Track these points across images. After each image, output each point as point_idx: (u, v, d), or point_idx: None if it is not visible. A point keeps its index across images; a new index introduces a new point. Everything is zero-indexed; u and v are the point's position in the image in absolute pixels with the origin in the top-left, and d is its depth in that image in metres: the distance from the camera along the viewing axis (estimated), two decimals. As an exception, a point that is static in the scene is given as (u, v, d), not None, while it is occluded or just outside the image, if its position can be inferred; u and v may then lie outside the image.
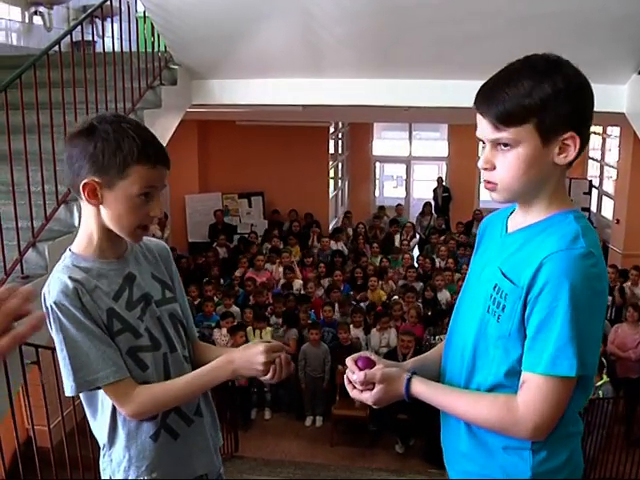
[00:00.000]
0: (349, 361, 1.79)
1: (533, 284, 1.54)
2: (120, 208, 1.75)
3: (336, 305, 8.53)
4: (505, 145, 1.57)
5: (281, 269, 10.09)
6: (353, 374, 1.76)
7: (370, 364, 1.76)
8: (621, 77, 6.02)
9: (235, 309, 8.35)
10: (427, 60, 6.19)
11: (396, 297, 8.93)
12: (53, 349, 4.07)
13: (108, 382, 1.76)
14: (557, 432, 1.62)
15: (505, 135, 1.55)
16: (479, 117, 1.60)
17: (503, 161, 1.58)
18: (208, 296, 8.63)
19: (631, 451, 6.33)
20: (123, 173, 1.70)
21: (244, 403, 7.73)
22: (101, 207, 1.76)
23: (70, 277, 1.76)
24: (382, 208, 14.16)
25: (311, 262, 10.45)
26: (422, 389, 1.73)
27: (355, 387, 1.76)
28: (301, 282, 9.68)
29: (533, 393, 1.56)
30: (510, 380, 1.63)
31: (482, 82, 1.66)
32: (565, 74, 1.53)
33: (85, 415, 1.95)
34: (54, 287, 1.75)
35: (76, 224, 4.28)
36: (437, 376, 1.89)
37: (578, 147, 1.55)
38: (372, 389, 1.73)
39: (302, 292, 9.29)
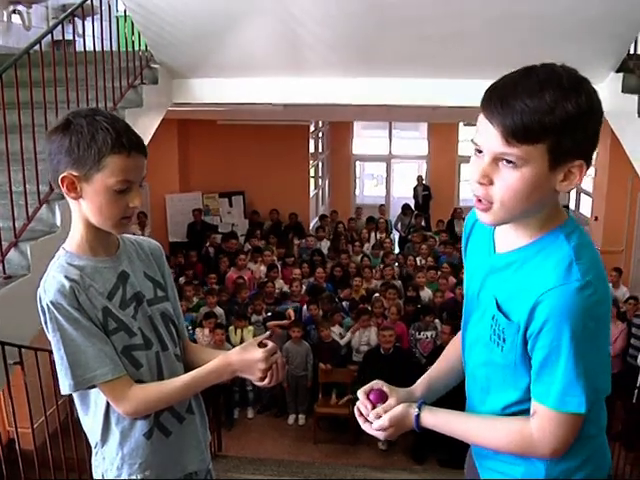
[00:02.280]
0: (361, 394, 1.78)
1: (531, 321, 1.50)
2: (100, 200, 1.75)
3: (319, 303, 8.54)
4: (509, 162, 1.42)
5: (262, 268, 10.09)
6: (365, 408, 1.76)
7: (382, 397, 1.77)
8: (599, 76, 6.08)
9: (219, 310, 8.34)
10: (407, 59, 6.23)
11: (377, 294, 8.95)
12: (36, 349, 4.08)
13: (106, 380, 1.77)
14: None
15: (515, 152, 1.40)
16: (485, 123, 1.44)
17: (504, 179, 1.44)
18: (187, 296, 8.61)
19: (611, 445, 6.39)
20: (99, 165, 1.71)
21: (227, 402, 7.73)
22: (81, 201, 1.78)
23: (66, 276, 1.77)
24: (359, 209, 14.16)
25: (292, 261, 10.46)
26: (432, 422, 1.72)
27: (366, 420, 1.76)
28: (282, 281, 9.68)
29: (546, 423, 1.55)
30: (524, 403, 1.62)
31: (462, 81, 1.62)
32: (588, 94, 1.40)
33: (68, 415, 1.95)
34: (50, 287, 1.75)
35: (58, 224, 4.27)
36: (448, 387, 1.93)
37: (583, 177, 1.45)
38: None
39: (283, 290, 9.31)
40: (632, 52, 5.96)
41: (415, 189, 14.93)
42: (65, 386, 1.79)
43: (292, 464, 6.83)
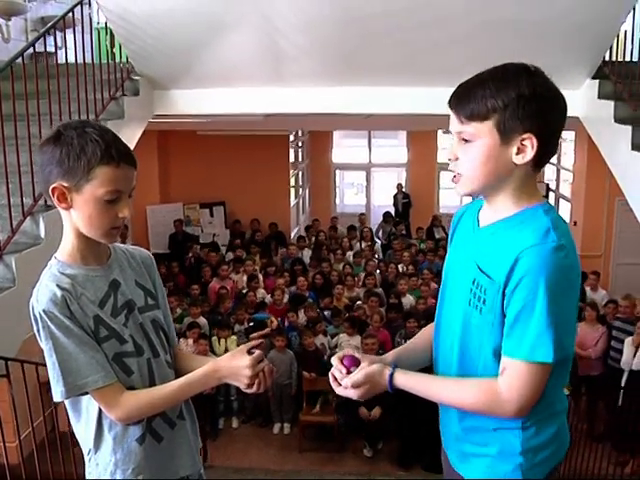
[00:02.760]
0: (335, 360, 1.90)
1: (510, 277, 1.65)
2: (90, 210, 1.79)
3: (301, 311, 8.57)
4: (466, 140, 1.71)
5: (245, 278, 10.08)
6: (340, 373, 1.86)
7: (355, 362, 1.87)
8: (575, 82, 6.19)
9: (202, 320, 8.32)
10: (388, 68, 6.29)
11: (359, 302, 9.00)
12: (23, 362, 4.07)
13: (97, 387, 1.80)
14: (544, 411, 1.77)
15: (467, 129, 1.69)
16: (451, 113, 1.74)
17: (465, 153, 1.73)
18: (170, 307, 8.54)
19: (594, 447, 6.48)
20: (89, 175, 1.74)
21: (211, 412, 7.71)
22: (72, 211, 1.81)
23: (58, 285, 1.79)
24: (334, 218, 14.09)
25: (274, 271, 10.47)
26: (405, 381, 1.85)
27: (340, 384, 1.86)
28: (264, 291, 9.69)
29: (514, 378, 1.69)
30: (497, 368, 1.74)
31: (441, 89, 1.80)
32: (532, 81, 1.64)
33: (54, 427, 1.97)
34: (43, 296, 1.78)
35: (43, 236, 4.26)
36: (416, 365, 2.03)
37: (536, 149, 1.65)
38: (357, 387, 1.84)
39: (265, 301, 9.31)
40: (607, 59, 6.05)
41: (395, 197, 15.01)
42: (57, 393, 1.82)
43: (278, 473, 6.84)
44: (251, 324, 8.37)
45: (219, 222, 13.24)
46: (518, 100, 1.62)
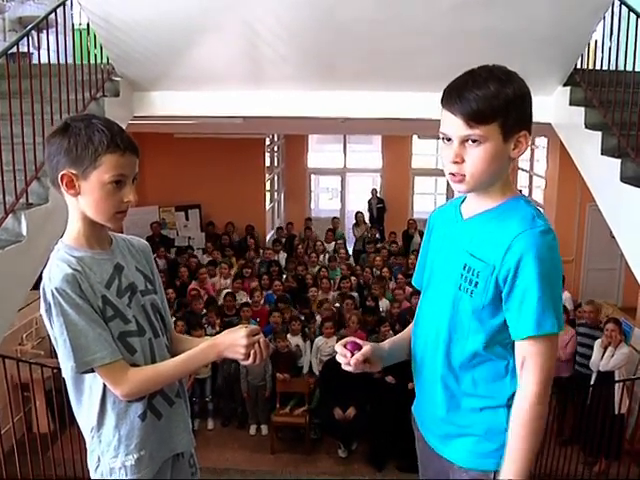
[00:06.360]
0: (339, 347, 1.99)
1: (505, 262, 1.76)
2: (96, 196, 1.90)
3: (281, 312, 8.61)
4: (474, 141, 1.76)
5: (222, 281, 10.13)
6: (344, 357, 1.95)
7: (358, 347, 1.97)
8: (547, 89, 6.33)
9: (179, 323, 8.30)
10: (363, 73, 6.38)
11: (336, 305, 9.06)
12: (4, 357, 4.07)
13: (104, 363, 1.89)
14: None
15: (476, 132, 1.74)
16: (448, 115, 1.78)
17: (472, 155, 1.77)
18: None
19: (563, 448, 6.60)
20: (96, 162, 1.86)
21: (187, 413, 7.72)
22: (79, 197, 1.92)
23: (69, 266, 1.89)
24: (309, 220, 14.19)
25: (250, 273, 10.50)
26: None
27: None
28: (244, 292, 9.71)
29: (533, 365, 1.77)
30: (488, 350, 1.84)
31: (416, 94, 1.86)
32: (519, 82, 1.77)
33: (25, 432, 2.01)
34: (55, 275, 1.87)
35: (24, 233, 4.28)
36: (405, 357, 2.12)
37: (529, 143, 1.80)
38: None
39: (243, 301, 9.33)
40: (578, 67, 6.20)
41: (369, 202, 15.10)
42: (67, 369, 1.91)
43: (254, 474, 6.89)
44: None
45: (194, 225, 13.26)
46: (515, 101, 1.74)
